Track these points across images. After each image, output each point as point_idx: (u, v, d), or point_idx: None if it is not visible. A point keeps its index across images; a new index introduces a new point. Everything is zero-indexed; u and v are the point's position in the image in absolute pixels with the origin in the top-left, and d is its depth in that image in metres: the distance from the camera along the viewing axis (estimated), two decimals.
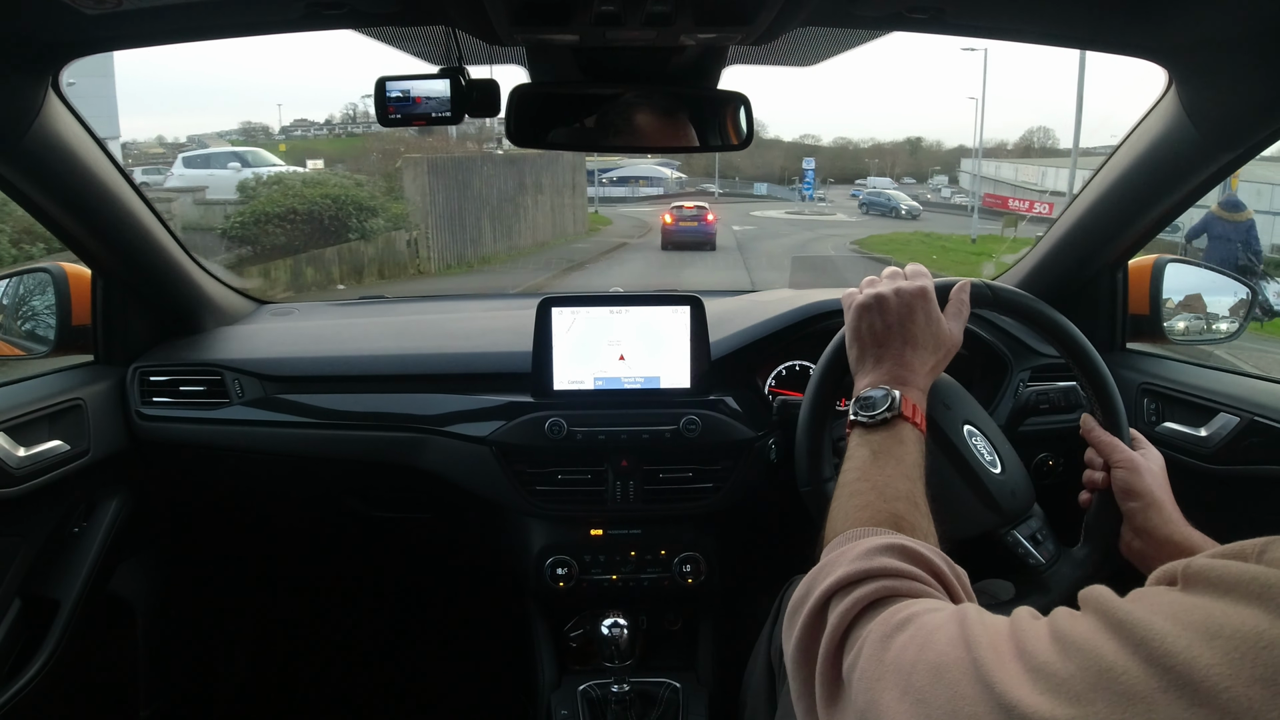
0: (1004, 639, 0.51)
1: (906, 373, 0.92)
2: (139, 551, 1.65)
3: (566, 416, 1.44)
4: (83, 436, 1.40)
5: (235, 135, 35.18)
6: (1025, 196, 32.14)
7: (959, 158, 64.50)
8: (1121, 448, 1.01)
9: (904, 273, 1.01)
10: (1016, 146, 70.72)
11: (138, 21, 1.06)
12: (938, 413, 1.03)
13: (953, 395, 1.08)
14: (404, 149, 17.84)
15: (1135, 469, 0.99)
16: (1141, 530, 0.97)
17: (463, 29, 1.12)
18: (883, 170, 62.35)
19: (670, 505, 1.48)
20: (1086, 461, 1.06)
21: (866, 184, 49.17)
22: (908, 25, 1.14)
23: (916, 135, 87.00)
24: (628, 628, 1.46)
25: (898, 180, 57.15)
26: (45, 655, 1.36)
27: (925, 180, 59.12)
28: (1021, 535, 1.02)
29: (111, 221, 1.39)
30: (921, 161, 73.17)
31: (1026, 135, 75.68)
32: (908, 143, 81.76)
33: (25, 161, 1.20)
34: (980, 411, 1.09)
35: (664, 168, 44.15)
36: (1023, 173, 37.10)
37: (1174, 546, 0.94)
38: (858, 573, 0.64)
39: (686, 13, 0.98)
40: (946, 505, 1.01)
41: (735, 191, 47.17)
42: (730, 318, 1.62)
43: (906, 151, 78.27)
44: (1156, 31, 1.09)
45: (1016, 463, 1.06)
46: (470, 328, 1.77)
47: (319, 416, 1.53)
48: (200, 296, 1.67)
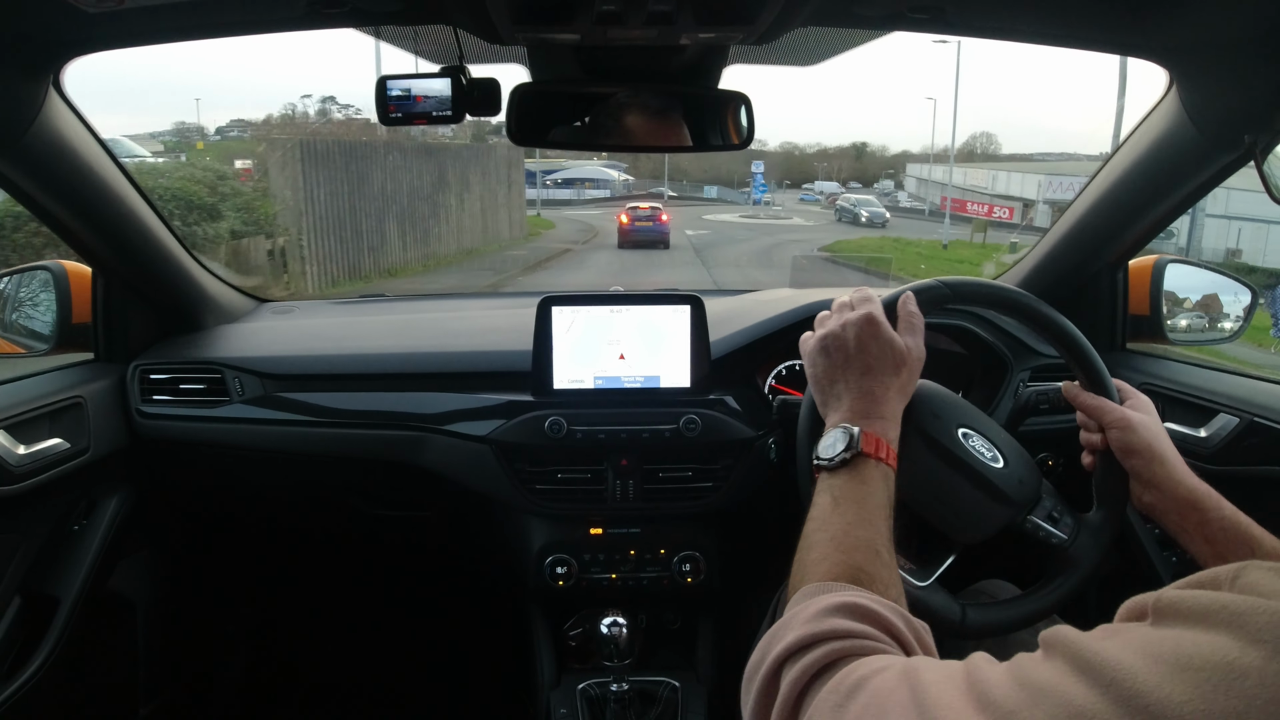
0: (960, 694, 0.49)
1: (869, 404, 0.92)
2: (139, 549, 1.66)
3: (566, 415, 1.44)
4: (83, 434, 1.40)
5: (168, 136, 34.38)
6: (979, 200, 32.31)
7: (904, 163, 65.01)
8: (1111, 407, 1.00)
9: (850, 302, 1.01)
10: (960, 151, 71.85)
11: (139, 20, 1.06)
12: (929, 424, 1.03)
13: (941, 403, 1.07)
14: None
15: (1129, 426, 0.98)
16: (1150, 484, 0.96)
17: (464, 28, 1.12)
18: (829, 175, 62.46)
19: (670, 504, 1.48)
20: (1080, 425, 1.05)
21: (814, 188, 49.90)
22: (909, 25, 1.14)
23: (861, 141, 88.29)
24: (627, 626, 1.46)
25: (844, 185, 57.28)
26: (45, 652, 1.36)
27: (870, 185, 59.42)
28: (1039, 519, 1.02)
29: (112, 220, 1.39)
30: (866, 166, 73.76)
31: (970, 141, 77.02)
32: (853, 148, 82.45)
33: (26, 160, 1.20)
34: (973, 412, 1.09)
35: (610, 169, 43.50)
36: (971, 177, 37.01)
37: (1183, 498, 0.94)
38: (808, 636, 0.63)
39: (687, 12, 0.98)
40: (959, 512, 1.01)
41: (685, 195, 46.54)
42: (730, 317, 1.62)
43: (852, 156, 78.99)
44: (1157, 32, 1.09)
45: (1018, 451, 1.06)
46: (470, 326, 1.77)
47: (319, 415, 1.53)
48: (200, 294, 1.67)
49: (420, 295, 2.30)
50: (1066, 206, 1.60)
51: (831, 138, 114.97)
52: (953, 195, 32.59)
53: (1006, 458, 1.04)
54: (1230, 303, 1.60)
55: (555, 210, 32.61)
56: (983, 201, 32.35)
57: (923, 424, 1.03)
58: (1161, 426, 1.00)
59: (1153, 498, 0.97)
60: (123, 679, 1.69)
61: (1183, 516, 0.94)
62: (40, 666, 1.35)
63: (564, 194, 40.04)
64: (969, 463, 1.02)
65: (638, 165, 44.46)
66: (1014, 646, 1.08)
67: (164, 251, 1.53)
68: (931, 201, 33.22)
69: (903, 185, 54.05)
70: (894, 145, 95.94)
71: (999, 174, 34.06)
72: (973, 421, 1.06)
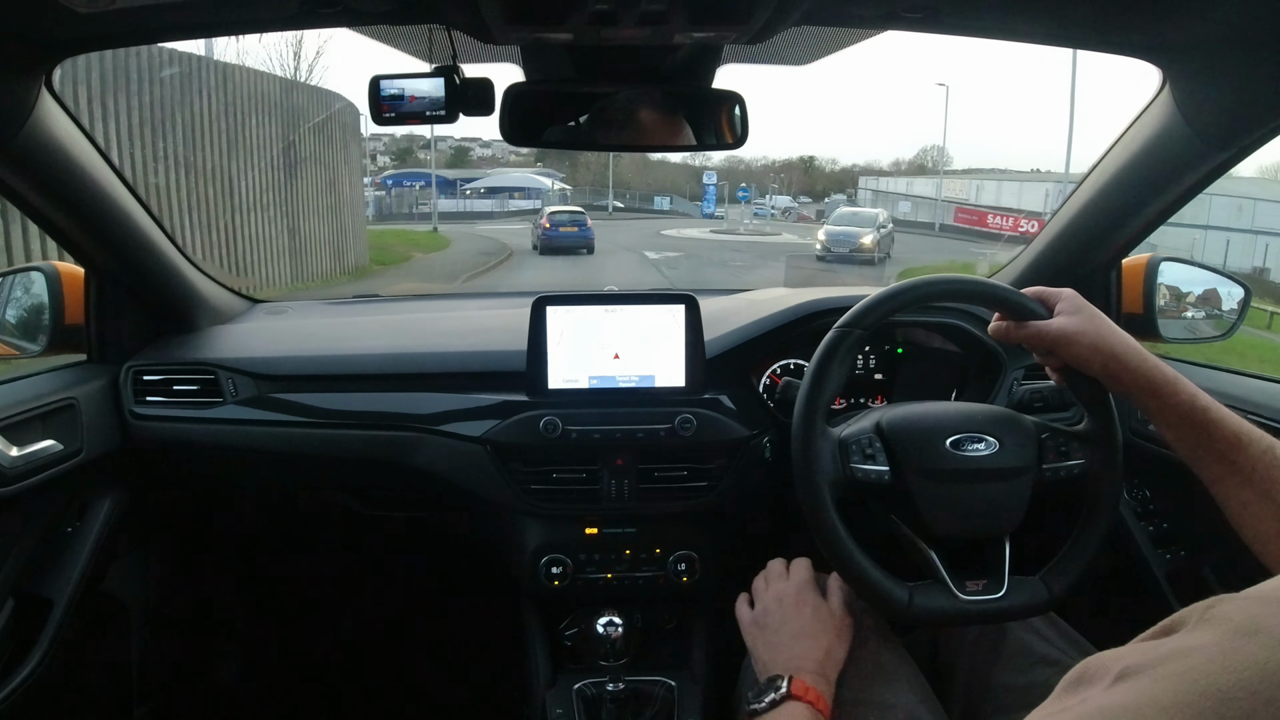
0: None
1: (800, 661, 0.97)
2: (132, 551, 1.65)
3: (561, 415, 1.44)
4: (76, 436, 1.39)
5: None
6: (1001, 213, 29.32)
7: (855, 176, 63.82)
8: (1044, 330, 0.99)
9: (782, 570, 1.12)
10: (910, 164, 71.19)
11: (131, 20, 1.06)
12: (921, 458, 1.06)
13: (920, 429, 1.09)
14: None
15: (1069, 340, 0.97)
16: (1113, 378, 0.96)
17: (457, 27, 1.12)
18: (779, 189, 60.22)
19: (665, 503, 1.48)
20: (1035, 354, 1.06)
21: (766, 202, 46.66)
22: (902, 24, 1.14)
23: (809, 155, 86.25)
24: (622, 626, 1.46)
25: (794, 198, 55.79)
26: (39, 655, 1.36)
27: (821, 199, 57.40)
28: (1053, 463, 1.04)
29: (105, 220, 1.38)
30: (815, 180, 71.83)
31: (920, 154, 76.08)
32: (801, 161, 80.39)
33: (18, 160, 1.19)
34: (950, 416, 1.09)
35: (544, 177, 40.15)
36: (949, 189, 35.61)
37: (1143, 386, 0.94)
38: None
39: (681, 11, 0.98)
40: (992, 513, 1.04)
41: (635, 206, 42.39)
42: (725, 316, 1.62)
43: (800, 170, 76.99)
44: (1151, 31, 1.10)
45: (1002, 420, 1.08)
46: (464, 326, 1.77)
47: (313, 416, 1.53)
48: (194, 295, 1.67)
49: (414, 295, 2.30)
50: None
51: (777, 150, 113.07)
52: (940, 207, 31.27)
53: (999, 438, 1.05)
54: (1225, 298, 1.61)
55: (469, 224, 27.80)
56: (1006, 214, 29.63)
57: (915, 461, 1.05)
58: (1100, 319, 0.98)
59: (1120, 387, 0.96)
60: (116, 681, 1.68)
61: (1144, 402, 0.94)
62: (33, 669, 1.34)
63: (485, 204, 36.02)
64: (973, 467, 1.03)
65: (576, 174, 41.63)
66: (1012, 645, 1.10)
67: (157, 252, 1.52)
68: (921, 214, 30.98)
69: (854, 198, 52.02)
70: (843, 158, 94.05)
71: (985, 184, 33.15)
72: (954, 425, 1.07)
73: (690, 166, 63.70)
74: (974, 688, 1.12)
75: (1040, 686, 1.04)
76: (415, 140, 62.77)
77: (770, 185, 61.43)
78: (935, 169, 63.86)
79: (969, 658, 1.15)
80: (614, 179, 43.04)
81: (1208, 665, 0.40)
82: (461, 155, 69.65)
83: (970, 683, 1.13)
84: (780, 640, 1.00)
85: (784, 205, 46.91)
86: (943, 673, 1.16)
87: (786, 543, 1.47)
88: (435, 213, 26.55)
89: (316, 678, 2.14)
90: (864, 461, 1.07)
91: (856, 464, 1.07)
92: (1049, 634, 1.11)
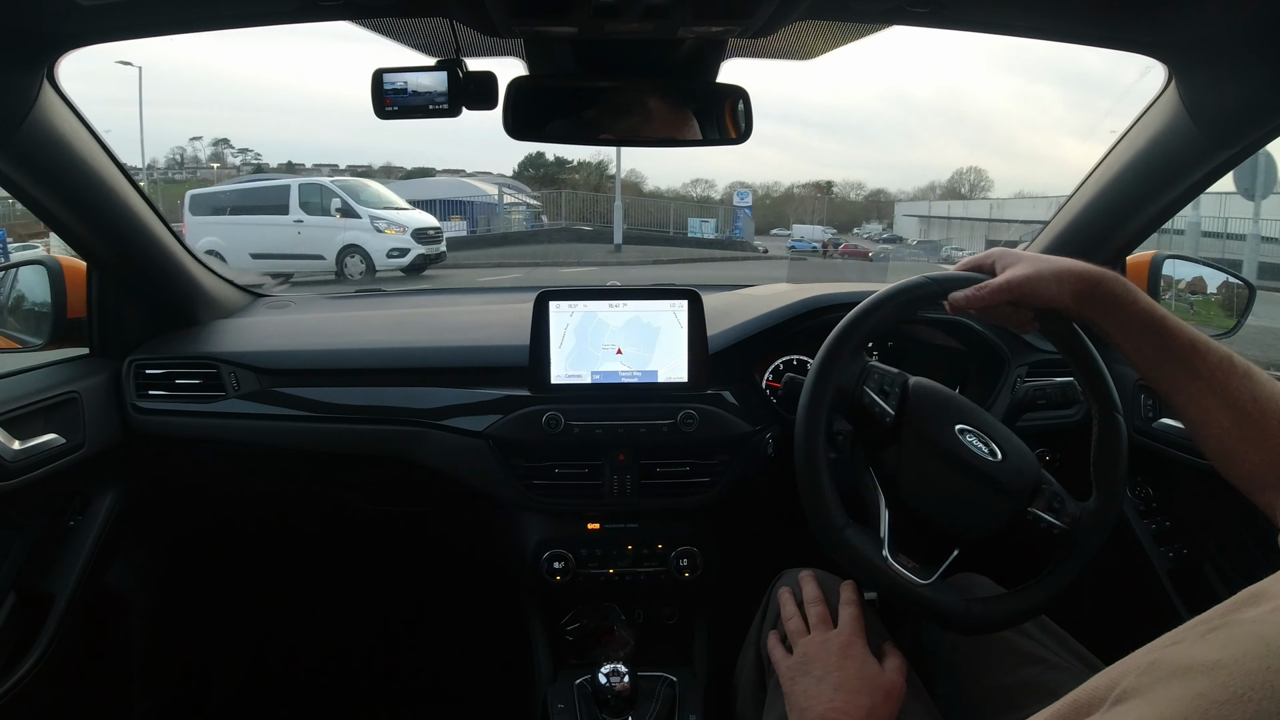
0: None
1: (840, 716, 0.93)
2: (134, 545, 1.65)
3: (564, 410, 1.44)
4: (78, 430, 1.40)
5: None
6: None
7: (884, 202, 60.08)
8: (1001, 284, 0.95)
9: (826, 613, 1.05)
10: (945, 190, 65.71)
11: (133, 13, 1.06)
12: (927, 425, 1.04)
13: (938, 402, 1.08)
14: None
15: (1030, 281, 0.93)
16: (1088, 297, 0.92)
17: (461, 20, 1.12)
18: (800, 218, 52.94)
19: (667, 499, 1.48)
20: (1007, 323, 1.02)
21: (796, 232, 38.81)
22: (907, 19, 1.13)
23: (826, 180, 79.69)
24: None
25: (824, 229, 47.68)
26: (40, 649, 1.36)
27: (850, 229, 52.61)
28: (1039, 510, 1.01)
29: (107, 214, 1.38)
30: (834, 209, 65.83)
31: (956, 177, 70.10)
32: (816, 187, 73.33)
33: (20, 154, 1.19)
34: (969, 408, 1.09)
35: (487, 184, 26.24)
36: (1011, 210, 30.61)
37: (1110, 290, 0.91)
38: None
39: (685, 5, 0.98)
40: (962, 509, 1.02)
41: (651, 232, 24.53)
42: (728, 312, 1.62)
43: (818, 197, 70.18)
44: (1157, 27, 1.09)
45: (1015, 443, 1.06)
46: (467, 321, 1.77)
47: (315, 410, 1.53)
48: (196, 289, 1.67)
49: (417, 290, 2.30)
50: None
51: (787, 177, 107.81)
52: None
53: (1005, 451, 1.04)
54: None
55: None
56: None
57: (921, 425, 1.04)
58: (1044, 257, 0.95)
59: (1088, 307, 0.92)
60: (118, 676, 1.68)
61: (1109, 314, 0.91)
62: (35, 663, 1.34)
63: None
64: (968, 460, 1.02)
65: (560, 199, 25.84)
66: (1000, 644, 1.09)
67: (159, 246, 1.52)
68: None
69: (891, 226, 48.31)
70: (870, 182, 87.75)
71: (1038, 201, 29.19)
72: (969, 418, 1.06)
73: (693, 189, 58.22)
74: (960, 687, 1.11)
75: (1028, 685, 1.03)
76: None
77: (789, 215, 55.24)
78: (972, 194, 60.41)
79: (953, 656, 1.14)
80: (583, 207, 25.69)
81: (1218, 691, 0.39)
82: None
83: (956, 682, 1.12)
84: (822, 691, 0.95)
85: (819, 236, 36.13)
86: (926, 671, 1.16)
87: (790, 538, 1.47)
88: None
89: (318, 672, 2.14)
90: (878, 394, 1.05)
91: (870, 389, 1.05)
92: (1036, 632, 1.10)
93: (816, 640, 1.02)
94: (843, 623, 1.04)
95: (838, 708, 0.93)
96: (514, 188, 27.28)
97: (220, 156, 37.41)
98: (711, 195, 50.50)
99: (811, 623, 1.06)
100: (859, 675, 0.96)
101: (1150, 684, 0.42)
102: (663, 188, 54.89)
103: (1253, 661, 0.39)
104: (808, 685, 0.97)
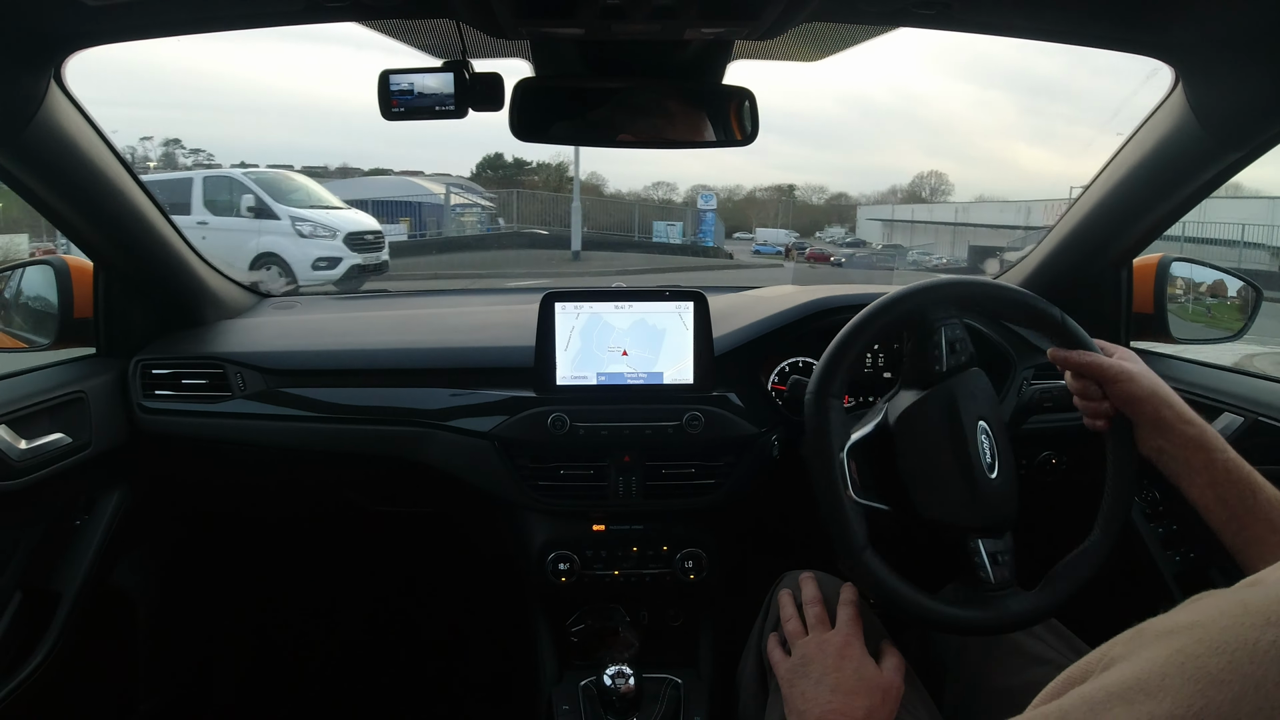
0: None
1: (837, 717, 0.93)
2: (140, 545, 1.65)
3: (569, 412, 1.44)
4: (84, 429, 1.40)
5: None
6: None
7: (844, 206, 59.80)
8: (1109, 362, 1.00)
9: (824, 614, 1.05)
10: (907, 194, 65.84)
11: (140, 13, 1.06)
12: (959, 401, 1.05)
13: (985, 393, 1.08)
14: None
15: (1130, 377, 0.98)
16: (1157, 427, 0.96)
17: (467, 21, 1.12)
18: (763, 221, 52.72)
19: (672, 501, 1.48)
20: (1078, 394, 1.05)
21: (760, 236, 40.05)
22: (913, 20, 1.13)
23: (788, 183, 79.09)
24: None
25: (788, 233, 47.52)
26: (46, 648, 1.36)
27: (813, 233, 52.12)
28: (985, 548, 1.01)
29: (114, 214, 1.39)
30: (796, 212, 64.61)
31: (917, 181, 70.32)
32: (778, 190, 72.30)
33: (27, 154, 1.19)
34: (998, 415, 1.09)
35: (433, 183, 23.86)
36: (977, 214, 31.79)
37: (1192, 438, 0.94)
38: None
39: (692, 6, 0.98)
40: (934, 490, 1.02)
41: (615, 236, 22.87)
42: (734, 313, 1.62)
43: (781, 201, 68.65)
44: (1164, 29, 1.09)
45: (1011, 477, 1.06)
46: (473, 322, 1.77)
47: (321, 410, 1.53)
48: (202, 289, 1.67)
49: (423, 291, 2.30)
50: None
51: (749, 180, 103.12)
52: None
53: (1000, 473, 1.04)
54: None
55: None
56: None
57: (956, 393, 1.05)
58: (1154, 375, 0.99)
59: (1161, 440, 0.96)
60: (123, 675, 1.69)
61: (1190, 457, 0.94)
62: (41, 662, 1.35)
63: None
64: (970, 454, 1.02)
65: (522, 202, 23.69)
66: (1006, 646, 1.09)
67: (165, 246, 1.52)
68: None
69: (854, 230, 48.97)
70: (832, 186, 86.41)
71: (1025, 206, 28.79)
72: (994, 424, 1.06)
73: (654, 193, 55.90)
74: (967, 689, 1.11)
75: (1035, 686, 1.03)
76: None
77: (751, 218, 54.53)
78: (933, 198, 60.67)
79: (959, 658, 1.14)
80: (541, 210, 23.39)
81: (1196, 646, 0.40)
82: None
83: (963, 684, 1.12)
84: (820, 693, 0.96)
85: (783, 240, 37.76)
86: (934, 672, 1.15)
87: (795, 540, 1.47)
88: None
89: (322, 672, 2.14)
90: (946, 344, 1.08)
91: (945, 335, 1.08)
92: (1043, 634, 1.10)
93: (814, 642, 1.02)
94: (840, 623, 1.04)
95: (835, 709, 0.93)
96: (465, 188, 24.47)
97: (171, 157, 36.04)
98: (673, 198, 48.88)
99: (810, 624, 1.06)
100: (856, 676, 0.96)
101: (1135, 648, 0.44)
102: (624, 190, 52.90)
103: (1228, 619, 0.41)
104: (805, 687, 0.98)
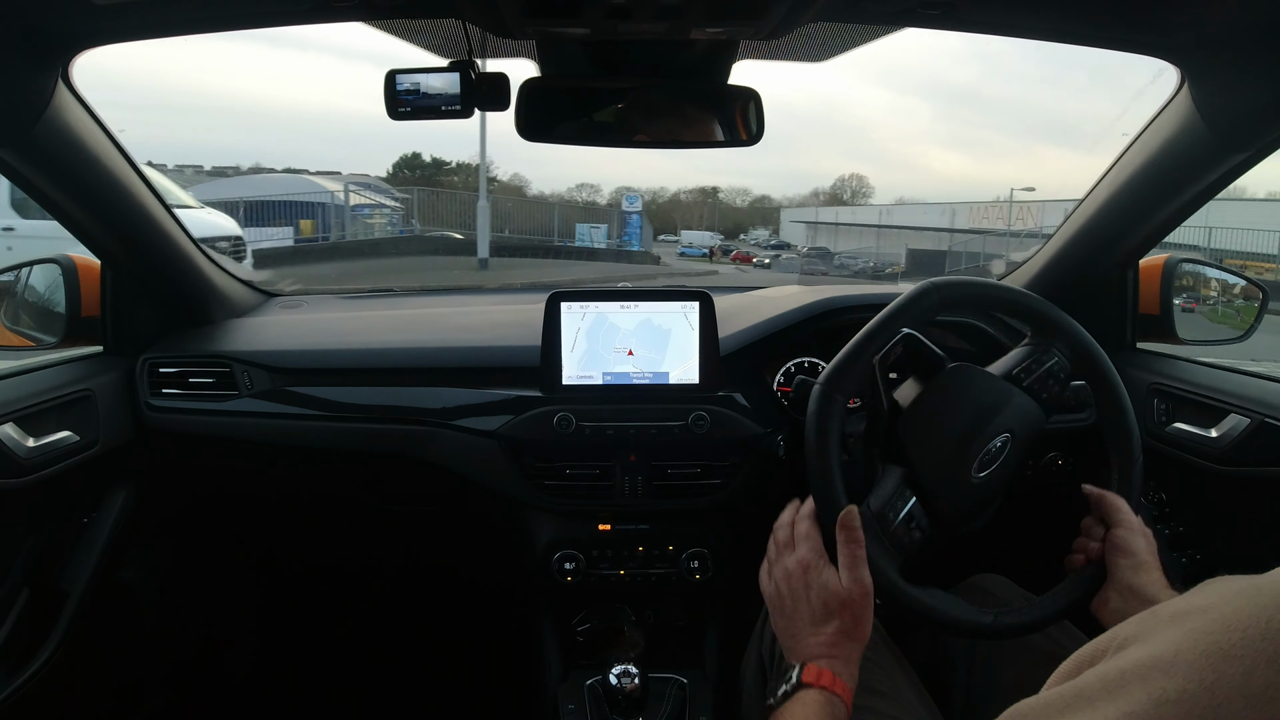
0: None
1: (812, 647, 0.94)
2: (146, 542, 1.66)
3: (575, 411, 1.44)
4: (92, 427, 1.40)
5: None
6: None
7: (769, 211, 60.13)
8: (1128, 510, 1.04)
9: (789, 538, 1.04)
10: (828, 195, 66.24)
11: (147, 12, 1.06)
12: (999, 400, 1.07)
13: (1030, 410, 1.09)
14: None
15: (1135, 530, 1.02)
16: (1126, 589, 0.99)
17: (473, 21, 1.12)
18: (687, 223, 54.09)
19: (678, 500, 1.48)
20: (1083, 530, 1.07)
21: (685, 238, 41.16)
22: (919, 21, 1.13)
23: (712, 185, 76.99)
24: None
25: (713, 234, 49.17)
26: (54, 645, 1.37)
27: (738, 235, 52.79)
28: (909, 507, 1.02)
29: (121, 213, 1.39)
30: (721, 215, 65.80)
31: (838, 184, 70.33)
32: (702, 193, 72.23)
33: (35, 152, 1.20)
34: (1027, 440, 1.09)
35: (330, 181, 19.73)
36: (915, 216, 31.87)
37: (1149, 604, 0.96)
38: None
39: (697, 7, 0.98)
40: (924, 459, 1.03)
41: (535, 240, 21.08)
42: (739, 313, 1.62)
43: (705, 203, 69.82)
44: (1169, 29, 1.08)
45: (991, 492, 1.06)
46: (479, 321, 1.77)
47: (327, 409, 1.54)
48: (209, 288, 1.68)
49: (429, 290, 2.30)
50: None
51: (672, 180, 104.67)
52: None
53: (985, 481, 1.04)
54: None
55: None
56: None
57: (1004, 400, 1.07)
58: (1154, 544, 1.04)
59: (1123, 602, 0.99)
60: (130, 672, 1.69)
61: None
62: (49, 658, 1.35)
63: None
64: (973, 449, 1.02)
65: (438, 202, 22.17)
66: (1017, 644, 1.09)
67: (172, 245, 1.53)
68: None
69: (778, 232, 49.30)
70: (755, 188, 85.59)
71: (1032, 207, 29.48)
72: (1015, 447, 1.06)
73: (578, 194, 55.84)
74: (977, 685, 1.11)
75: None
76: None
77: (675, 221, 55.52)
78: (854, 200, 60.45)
79: (971, 657, 1.14)
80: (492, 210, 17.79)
81: (1209, 625, 0.42)
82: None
83: (972, 680, 1.12)
84: (795, 627, 0.96)
85: (708, 242, 40.32)
86: (943, 667, 1.15)
87: None
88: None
89: (327, 670, 2.15)
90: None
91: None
92: (1054, 632, 1.10)
93: (779, 571, 1.02)
94: (797, 542, 1.03)
95: (809, 637, 0.95)
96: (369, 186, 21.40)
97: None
98: (597, 200, 48.68)
99: (777, 552, 1.05)
100: (819, 600, 0.96)
101: (1149, 630, 0.45)
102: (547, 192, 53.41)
103: (1241, 599, 0.42)
104: (783, 624, 0.99)
